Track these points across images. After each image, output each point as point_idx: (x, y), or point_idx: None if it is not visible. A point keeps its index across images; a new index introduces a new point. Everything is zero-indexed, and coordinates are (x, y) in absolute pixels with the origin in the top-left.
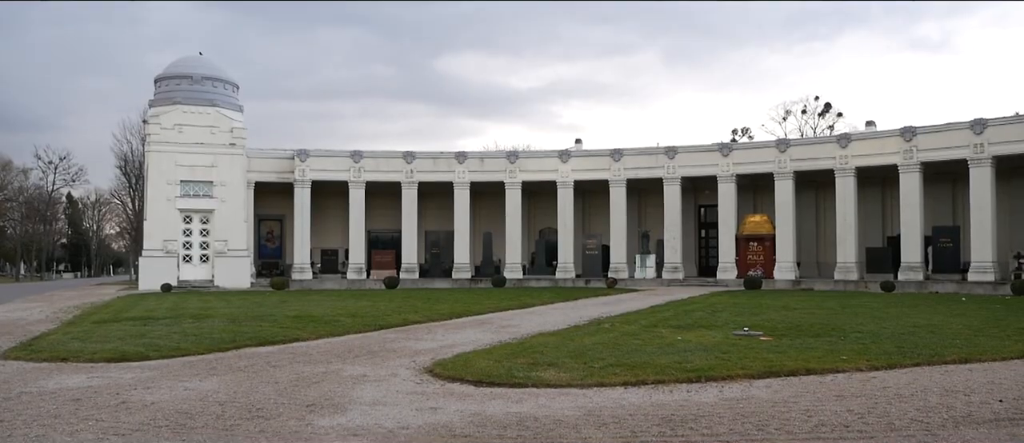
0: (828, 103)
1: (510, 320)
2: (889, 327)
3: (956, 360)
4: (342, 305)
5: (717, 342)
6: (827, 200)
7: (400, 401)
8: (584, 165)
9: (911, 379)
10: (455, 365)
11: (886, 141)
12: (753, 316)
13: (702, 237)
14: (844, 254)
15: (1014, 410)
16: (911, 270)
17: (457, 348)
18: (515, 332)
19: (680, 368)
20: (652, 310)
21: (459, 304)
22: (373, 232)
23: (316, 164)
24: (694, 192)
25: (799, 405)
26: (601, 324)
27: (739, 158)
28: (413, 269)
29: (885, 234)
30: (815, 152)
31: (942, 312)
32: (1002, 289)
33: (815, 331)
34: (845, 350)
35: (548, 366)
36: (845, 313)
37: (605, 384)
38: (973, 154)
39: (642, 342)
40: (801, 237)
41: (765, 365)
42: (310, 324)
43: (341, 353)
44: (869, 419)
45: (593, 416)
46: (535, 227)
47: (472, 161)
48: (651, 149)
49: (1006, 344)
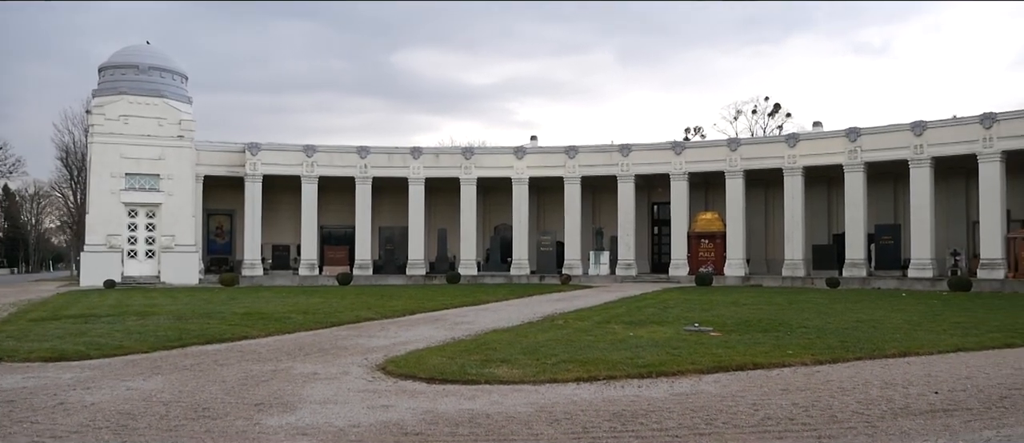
0: (777, 104)
1: (464, 317)
2: (833, 322)
3: (895, 354)
4: (293, 302)
5: (668, 338)
6: (776, 198)
7: (351, 399)
8: (539, 162)
9: (853, 373)
10: (408, 362)
11: (832, 141)
12: (704, 312)
13: (655, 234)
14: (792, 251)
15: (949, 402)
16: (855, 267)
17: (410, 345)
18: (469, 329)
19: (632, 364)
20: (605, 306)
21: (413, 301)
22: (326, 228)
23: (268, 158)
24: (648, 189)
25: (746, 399)
26: (554, 320)
27: (691, 157)
28: (367, 265)
29: (831, 232)
30: (765, 151)
31: (883, 307)
32: (940, 285)
33: (763, 327)
34: (791, 345)
35: (501, 363)
36: (792, 309)
37: (558, 380)
38: (913, 155)
39: (595, 338)
40: (751, 234)
41: (714, 360)
42: (260, 321)
43: (291, 351)
44: (813, 412)
45: (545, 412)
46: (490, 223)
47: (427, 157)
48: (606, 147)
49: (942, 338)
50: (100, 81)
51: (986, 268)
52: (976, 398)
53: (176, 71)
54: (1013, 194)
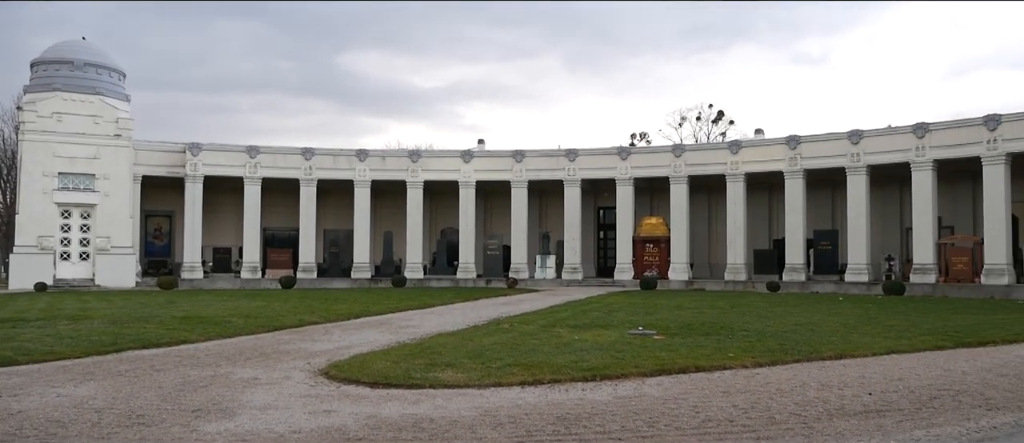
0: (721, 111)
1: (409, 320)
2: (773, 325)
3: (832, 356)
4: (234, 305)
5: (613, 341)
6: (719, 204)
7: (293, 404)
8: (486, 166)
9: (791, 375)
10: (351, 367)
11: (773, 148)
12: (648, 316)
13: (601, 238)
14: (734, 256)
15: (881, 402)
16: (795, 271)
17: (354, 349)
18: (414, 333)
19: (576, 367)
20: (551, 310)
21: (358, 304)
22: (269, 230)
23: (209, 158)
24: (594, 194)
25: (688, 402)
26: (500, 324)
27: (637, 162)
28: (311, 268)
29: (771, 237)
30: (708, 157)
31: (821, 311)
32: (875, 289)
33: (705, 330)
34: (732, 348)
35: (446, 366)
36: (733, 312)
37: (502, 384)
38: (850, 163)
39: (540, 342)
40: (695, 239)
41: (657, 363)
42: (199, 325)
43: (231, 355)
44: (752, 414)
45: (489, 416)
46: (436, 227)
47: (373, 159)
48: (552, 151)
49: (877, 341)
50: (32, 77)
51: (919, 273)
52: (908, 399)
53: (113, 68)
54: (944, 201)
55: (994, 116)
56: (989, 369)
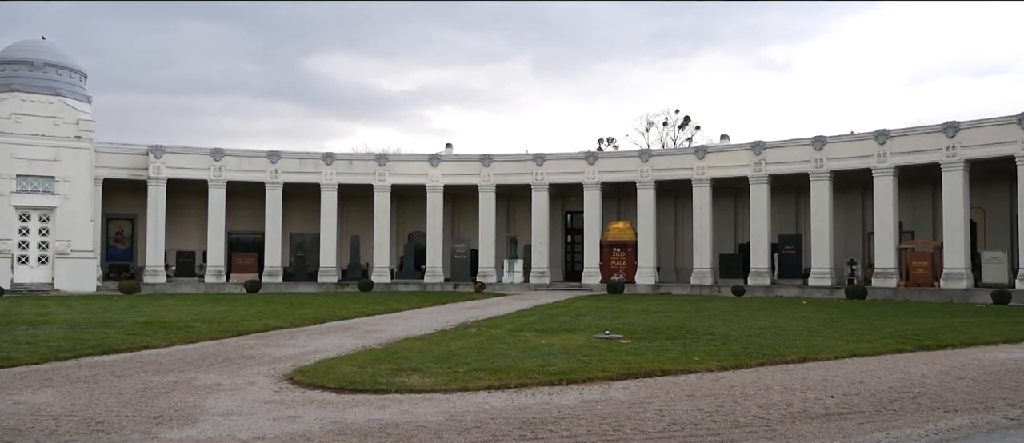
0: (687, 116)
1: (376, 325)
2: (738, 329)
3: (795, 360)
4: (198, 310)
5: (579, 345)
6: (685, 209)
7: (257, 410)
8: (454, 170)
9: (755, 378)
10: (317, 372)
11: (738, 154)
12: (615, 320)
13: (568, 243)
14: (700, 260)
15: (843, 405)
16: (759, 275)
17: (320, 354)
18: (380, 337)
19: (543, 371)
20: (518, 314)
21: (324, 309)
22: (234, 234)
23: (173, 161)
24: (561, 198)
25: (654, 405)
26: (467, 329)
27: (604, 167)
28: (277, 273)
29: (737, 241)
30: (675, 162)
31: (785, 315)
32: (838, 293)
33: (671, 334)
34: (698, 352)
35: (412, 371)
36: (699, 316)
37: (469, 389)
38: (814, 169)
39: (507, 346)
40: (661, 243)
41: (624, 367)
42: (161, 330)
43: (194, 361)
44: (717, 417)
45: (455, 421)
46: (404, 231)
47: (340, 162)
48: (520, 156)
49: (839, 344)
50: None
51: (880, 277)
52: (869, 401)
53: (74, 68)
54: (905, 207)
55: (953, 123)
56: (947, 372)
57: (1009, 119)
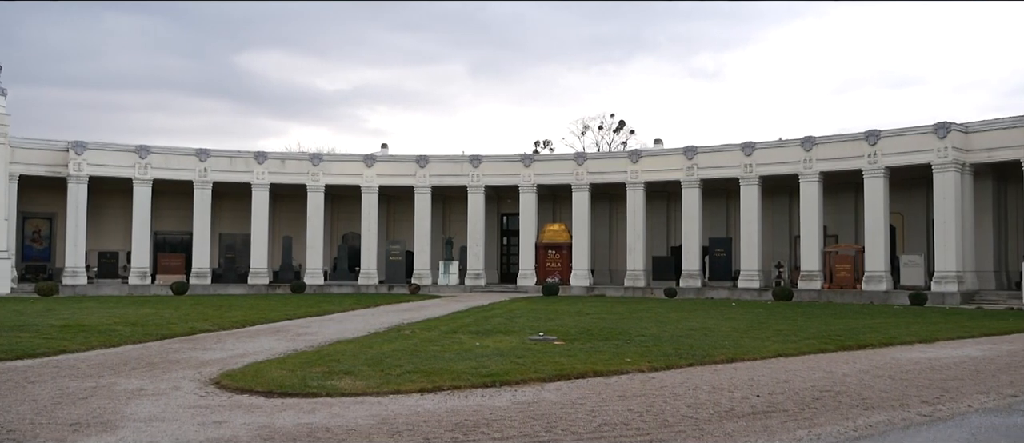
0: (622, 120)
1: (307, 327)
2: (669, 331)
3: (724, 360)
4: (120, 313)
5: (513, 347)
6: (620, 211)
7: (180, 416)
8: (390, 170)
9: (685, 378)
10: (245, 376)
11: (671, 158)
12: (549, 321)
13: (504, 244)
14: (633, 262)
15: (768, 404)
16: (691, 278)
17: (248, 357)
18: (312, 340)
19: (476, 373)
20: (453, 316)
21: (254, 311)
22: (160, 234)
23: (95, 158)
24: (497, 200)
25: (585, 406)
26: (401, 331)
27: (540, 169)
28: (205, 274)
29: (669, 244)
30: (609, 166)
31: (715, 316)
32: (765, 295)
33: (604, 335)
34: (630, 353)
35: (344, 374)
36: (632, 318)
37: (401, 391)
38: (743, 173)
39: (441, 348)
40: (596, 246)
41: (557, 369)
42: (80, 334)
43: (115, 366)
44: (646, 417)
45: (387, 424)
46: (338, 232)
47: (272, 162)
48: (456, 157)
49: (766, 345)
50: None
51: (806, 279)
52: (792, 400)
53: None
54: (829, 211)
55: (874, 131)
56: (866, 371)
57: (926, 128)
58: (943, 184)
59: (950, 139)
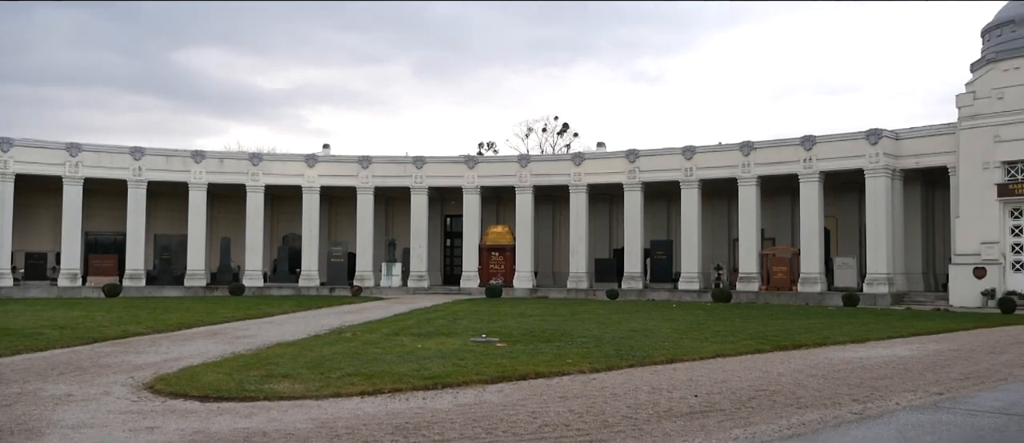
0: (566, 123)
1: (246, 330)
2: (611, 332)
3: (664, 361)
4: (49, 316)
5: (456, 349)
6: (563, 214)
7: (111, 422)
8: (332, 171)
9: (625, 379)
10: (179, 380)
11: (614, 161)
12: (492, 323)
13: (447, 246)
14: (576, 264)
15: (706, 404)
16: (633, 279)
17: (184, 361)
18: (250, 343)
19: (418, 376)
20: (395, 318)
21: (190, 314)
22: (92, 234)
23: (22, 155)
24: (441, 202)
25: (527, 407)
26: (342, 333)
27: (484, 171)
28: (139, 276)
29: (612, 246)
30: (553, 168)
31: (656, 318)
32: (705, 296)
33: (547, 337)
34: (571, 354)
35: (283, 378)
36: (574, 319)
37: (341, 394)
38: (684, 177)
39: (383, 351)
40: (539, 248)
41: (499, 370)
42: (5, 338)
43: (42, 371)
44: (587, 418)
45: (326, 428)
46: (278, 233)
47: (211, 161)
48: (400, 158)
49: (705, 345)
50: None
51: (744, 281)
52: (729, 400)
53: None
54: (767, 215)
55: (810, 137)
56: (801, 370)
57: (859, 135)
58: (875, 189)
59: (881, 145)
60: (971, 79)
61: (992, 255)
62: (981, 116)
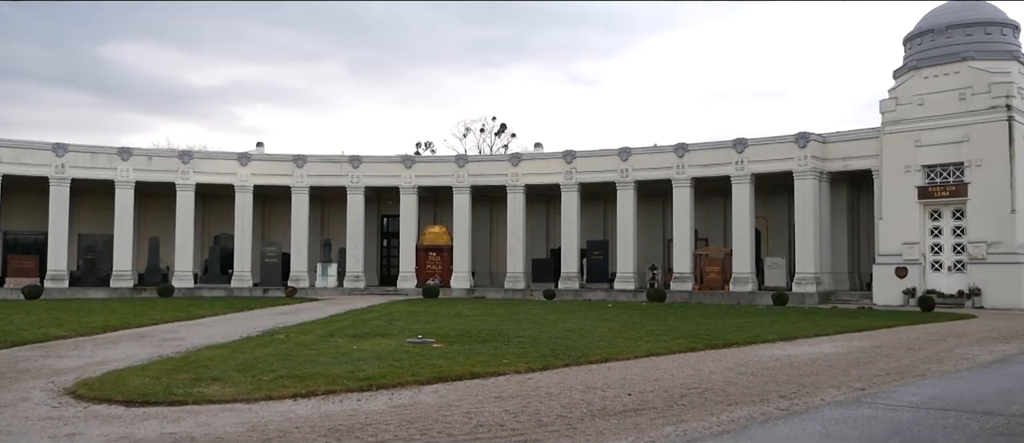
0: (504, 124)
1: (175, 332)
2: (547, 332)
3: (599, 360)
4: None
5: (391, 350)
6: (500, 214)
7: (29, 429)
8: (265, 169)
9: (561, 379)
10: (103, 384)
11: (550, 162)
12: (428, 324)
13: (384, 246)
14: (513, 264)
15: (639, 402)
16: (569, 279)
17: (108, 365)
18: (179, 346)
19: (352, 377)
20: (330, 319)
21: (116, 316)
22: (11, 234)
23: None
24: (378, 202)
25: (462, 408)
26: (276, 335)
27: (421, 171)
28: (62, 277)
29: (549, 246)
30: (490, 169)
31: (592, 317)
32: (640, 296)
33: (483, 337)
34: (508, 354)
35: (212, 381)
36: (511, 319)
37: (273, 397)
38: (620, 178)
39: (317, 352)
40: (477, 248)
41: (434, 371)
42: None
43: None
44: (522, 417)
45: (257, 431)
46: (210, 233)
47: (138, 158)
48: (336, 157)
49: (639, 344)
50: None
51: (678, 281)
52: (662, 398)
53: None
54: (700, 215)
55: (742, 140)
56: (731, 368)
57: (788, 138)
58: (803, 191)
59: (809, 148)
60: (894, 85)
61: (913, 255)
62: (903, 121)
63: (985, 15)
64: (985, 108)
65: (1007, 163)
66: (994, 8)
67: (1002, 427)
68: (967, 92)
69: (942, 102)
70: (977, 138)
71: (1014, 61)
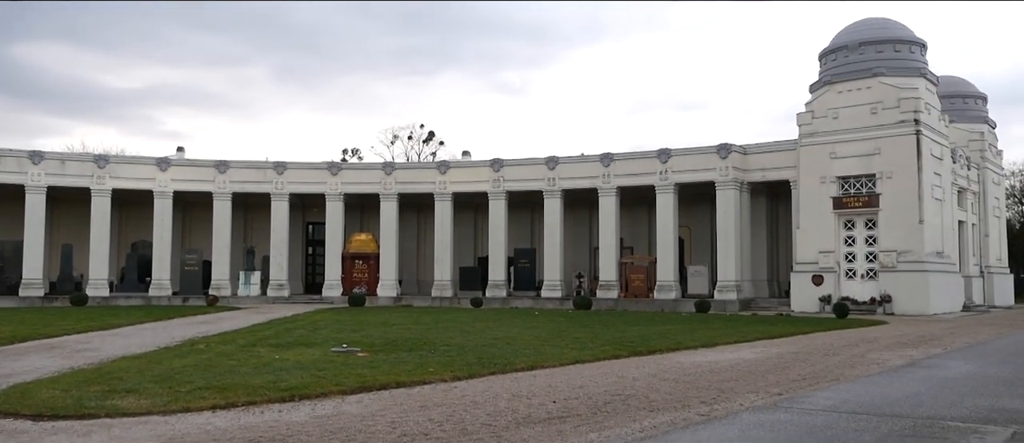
0: (432, 131)
1: (88, 343)
2: (473, 340)
3: (524, 368)
4: None
5: (315, 360)
6: (428, 222)
7: None
8: (186, 175)
9: (486, 387)
10: (9, 398)
11: (478, 170)
12: (353, 333)
13: (310, 254)
14: (441, 272)
15: (563, 409)
16: (497, 287)
17: (15, 378)
18: (92, 357)
19: (274, 388)
20: (253, 328)
21: (25, 326)
22: None
23: None
24: (303, 209)
25: (386, 418)
26: (195, 345)
27: (347, 178)
28: None
29: (476, 254)
30: (418, 176)
31: (519, 325)
32: (567, 304)
33: (409, 346)
34: (433, 363)
35: (127, 393)
36: (438, 328)
37: (191, 409)
38: (547, 187)
39: (237, 362)
40: (404, 256)
41: (359, 380)
42: None
43: None
44: (446, 426)
45: None
46: (127, 240)
47: (50, 162)
48: (260, 163)
49: (565, 352)
50: None
51: (604, 289)
52: (586, 405)
53: None
54: (626, 224)
55: (666, 150)
56: (654, 374)
57: (710, 149)
58: (725, 200)
59: (731, 159)
60: (810, 99)
61: (829, 263)
62: (819, 134)
63: (895, 33)
64: (895, 122)
65: (915, 175)
66: (904, 27)
67: (909, 429)
68: (878, 107)
69: (855, 116)
70: (888, 151)
71: (921, 78)
